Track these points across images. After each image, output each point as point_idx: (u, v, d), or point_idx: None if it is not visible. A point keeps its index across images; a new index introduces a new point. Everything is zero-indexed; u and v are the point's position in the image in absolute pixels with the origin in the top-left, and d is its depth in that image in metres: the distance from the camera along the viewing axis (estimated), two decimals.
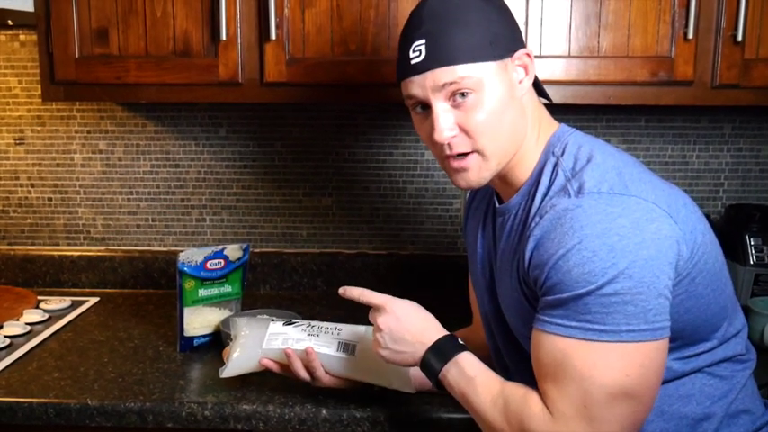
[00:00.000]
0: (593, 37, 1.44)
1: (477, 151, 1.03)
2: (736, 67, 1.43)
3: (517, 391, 1.00)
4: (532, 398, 0.97)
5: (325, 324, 1.27)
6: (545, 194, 1.01)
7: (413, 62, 1.02)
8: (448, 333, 1.09)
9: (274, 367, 1.25)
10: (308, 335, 1.24)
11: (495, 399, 1.00)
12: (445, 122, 1.02)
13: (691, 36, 1.41)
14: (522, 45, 1.06)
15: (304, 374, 1.22)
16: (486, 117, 1.01)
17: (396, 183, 1.87)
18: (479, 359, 1.07)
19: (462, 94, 1.00)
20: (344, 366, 1.22)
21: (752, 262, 1.64)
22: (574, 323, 0.93)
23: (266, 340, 1.25)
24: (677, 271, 0.96)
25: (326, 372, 1.22)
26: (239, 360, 1.25)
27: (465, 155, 1.04)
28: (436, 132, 1.02)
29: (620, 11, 1.43)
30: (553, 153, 1.05)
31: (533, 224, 0.99)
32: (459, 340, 1.08)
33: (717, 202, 1.83)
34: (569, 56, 1.45)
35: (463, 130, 1.02)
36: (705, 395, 1.04)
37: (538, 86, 1.12)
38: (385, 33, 1.46)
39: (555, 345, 0.95)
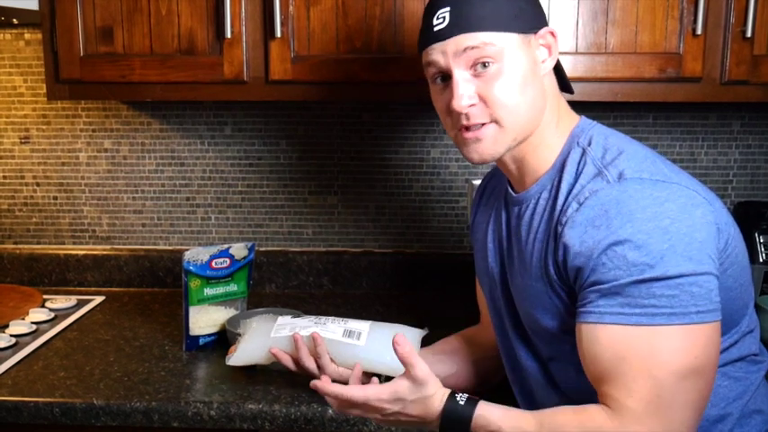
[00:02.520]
0: (600, 33, 1.43)
1: (495, 121, 1.02)
2: (746, 64, 1.42)
3: (563, 414, 0.95)
4: (590, 411, 0.93)
5: (332, 317, 1.28)
6: (573, 182, 1.00)
7: (436, 29, 1.02)
8: (445, 400, 0.97)
9: (283, 358, 1.21)
10: (315, 323, 1.24)
11: None
12: (465, 90, 1.01)
13: (699, 32, 1.40)
14: (546, 24, 1.06)
15: (311, 364, 1.19)
16: (506, 88, 1.01)
17: (401, 181, 1.87)
18: (489, 372, 1.06)
19: (484, 64, 1.00)
20: (350, 353, 1.20)
21: (761, 260, 1.62)
22: (638, 310, 0.91)
23: (274, 330, 1.25)
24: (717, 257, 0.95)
25: (332, 360, 1.19)
26: (247, 349, 1.25)
27: (481, 125, 1.02)
28: (455, 100, 1.01)
29: (628, 7, 1.42)
30: (578, 143, 1.04)
31: (570, 210, 0.97)
32: (459, 398, 0.97)
33: (725, 200, 1.82)
34: (576, 52, 1.44)
35: (482, 99, 1.01)
36: (720, 397, 1.03)
37: (561, 78, 1.11)
38: (391, 30, 1.46)
39: (616, 336, 0.92)
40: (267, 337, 1.24)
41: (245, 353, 1.26)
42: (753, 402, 1.06)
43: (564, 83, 1.12)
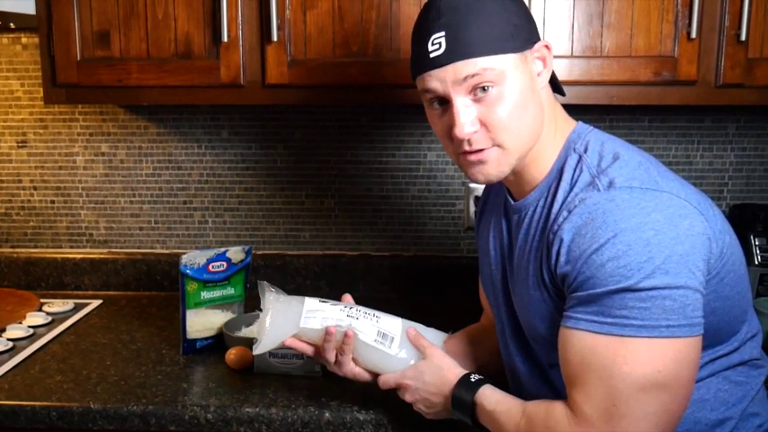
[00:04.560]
0: (595, 37, 1.44)
1: (498, 145, 1.01)
2: (740, 67, 1.43)
3: (539, 406, 1.00)
4: (555, 407, 0.97)
5: (363, 308, 1.21)
6: (569, 190, 1.00)
7: (432, 55, 0.99)
8: (460, 376, 1.10)
9: (305, 348, 1.18)
10: (348, 316, 1.18)
11: (518, 423, 1.00)
12: (466, 117, 0.99)
13: (694, 35, 1.41)
14: (539, 37, 1.05)
15: (332, 357, 1.17)
16: (508, 111, 0.99)
17: (398, 184, 1.87)
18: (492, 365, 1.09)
19: (484, 88, 0.98)
20: (378, 358, 1.17)
21: (757, 262, 1.63)
22: (609, 319, 0.92)
23: (303, 318, 1.17)
24: (708, 269, 0.95)
25: (354, 359, 1.18)
26: (272, 336, 1.17)
27: (483, 149, 1.02)
28: (457, 128, 1.00)
29: (623, 10, 1.42)
30: (574, 150, 1.03)
31: (561, 218, 0.98)
32: (473, 377, 1.10)
33: (721, 202, 1.82)
34: (572, 56, 1.44)
35: (484, 124, 1.00)
36: (720, 401, 1.03)
37: (553, 81, 1.10)
38: (386, 34, 1.46)
39: (585, 343, 0.93)
40: (295, 326, 1.17)
41: (272, 341, 1.17)
42: (752, 406, 1.06)
43: (556, 86, 1.11)
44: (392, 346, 1.17)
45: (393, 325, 1.19)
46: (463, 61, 0.98)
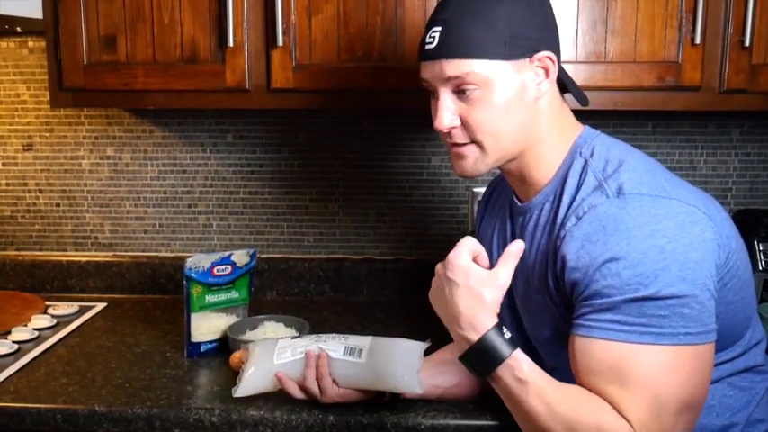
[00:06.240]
0: (599, 42, 1.44)
1: (476, 143, 1.04)
2: (744, 72, 1.43)
3: (579, 395, 0.94)
4: (601, 405, 0.92)
5: (332, 334, 1.27)
6: (574, 194, 1.00)
7: (426, 47, 1.03)
8: (493, 325, 0.96)
9: (288, 384, 1.21)
10: (316, 341, 1.24)
11: (549, 406, 0.93)
12: (447, 111, 1.03)
13: (698, 41, 1.41)
14: (551, 47, 1.04)
15: (315, 387, 1.20)
16: (487, 115, 1.01)
17: (402, 188, 1.87)
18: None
19: (466, 90, 1.01)
20: (352, 371, 1.21)
21: (761, 268, 1.63)
22: (627, 327, 0.91)
23: (276, 354, 1.24)
24: (716, 274, 0.95)
25: (334, 381, 1.21)
26: (252, 379, 1.23)
27: (464, 144, 1.05)
28: (437, 120, 1.04)
29: (627, 16, 1.43)
30: (580, 154, 1.04)
31: (569, 224, 0.98)
32: (505, 331, 0.96)
33: (725, 208, 1.80)
34: (576, 61, 1.45)
35: (463, 122, 1.03)
36: (725, 407, 1.03)
37: (571, 88, 1.10)
38: (391, 39, 1.46)
39: (608, 350, 0.92)
40: (271, 363, 1.23)
41: (251, 382, 1.23)
42: (757, 412, 1.06)
43: (576, 94, 1.11)
44: (362, 355, 1.20)
45: (361, 340, 1.24)
46: (449, 61, 1.00)
